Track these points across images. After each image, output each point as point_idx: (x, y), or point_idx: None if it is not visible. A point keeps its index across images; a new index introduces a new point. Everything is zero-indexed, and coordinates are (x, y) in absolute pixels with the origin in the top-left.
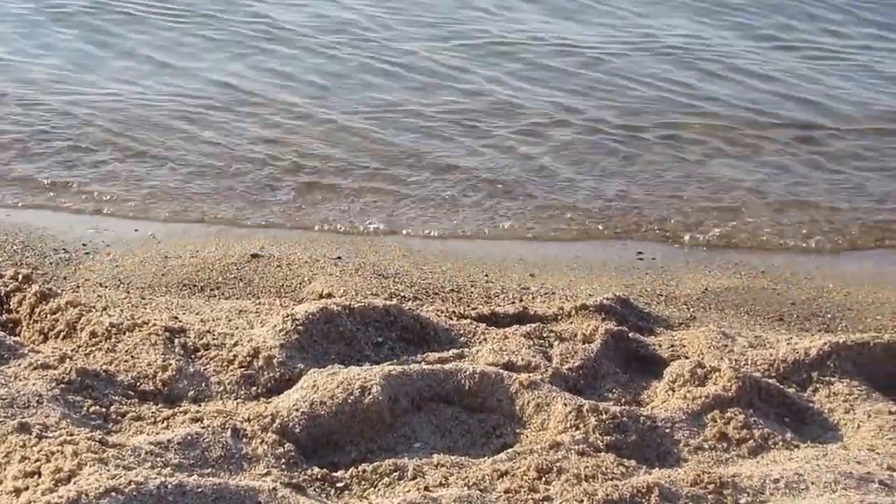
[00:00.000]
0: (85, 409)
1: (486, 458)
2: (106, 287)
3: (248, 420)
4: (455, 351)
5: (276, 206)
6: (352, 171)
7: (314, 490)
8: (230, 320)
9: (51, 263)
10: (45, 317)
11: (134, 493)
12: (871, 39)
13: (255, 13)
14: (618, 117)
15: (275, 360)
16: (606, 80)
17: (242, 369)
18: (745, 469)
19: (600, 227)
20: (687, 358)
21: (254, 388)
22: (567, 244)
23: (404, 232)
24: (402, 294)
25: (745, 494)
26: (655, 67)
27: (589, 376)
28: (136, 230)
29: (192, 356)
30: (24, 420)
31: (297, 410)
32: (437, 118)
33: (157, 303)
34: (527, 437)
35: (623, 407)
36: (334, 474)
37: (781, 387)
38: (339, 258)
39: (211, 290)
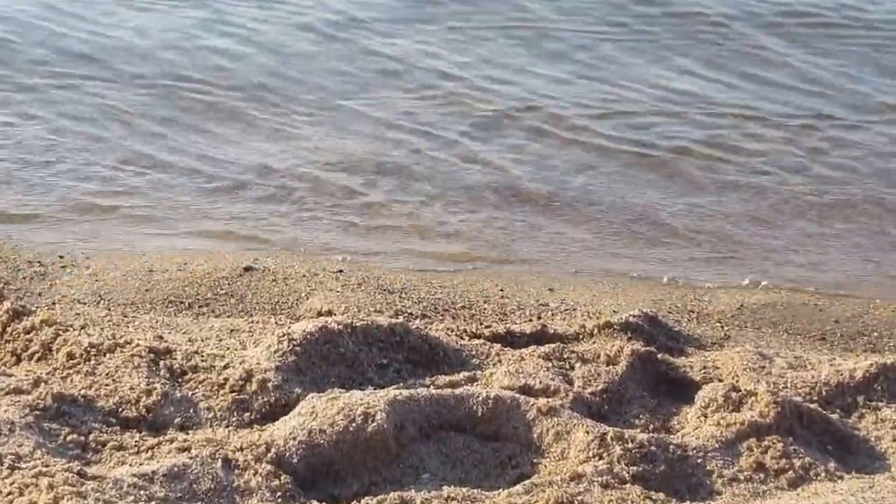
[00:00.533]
0: (62, 437)
1: (500, 490)
2: (85, 304)
3: (241, 449)
4: (467, 373)
5: (271, 214)
6: (355, 177)
7: None
8: (220, 340)
9: (24, 278)
10: (18, 336)
11: None
12: None
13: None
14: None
15: (269, 384)
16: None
17: (234, 394)
18: (784, 502)
19: (626, 238)
20: (720, 381)
21: (246, 415)
22: (590, 255)
23: (410, 245)
24: (409, 311)
25: None
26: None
27: (613, 401)
28: (118, 241)
29: (179, 380)
30: None
31: (293, 439)
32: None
33: (141, 321)
34: (545, 467)
35: (651, 434)
36: None
37: (824, 412)
38: (341, 271)
39: (199, 306)
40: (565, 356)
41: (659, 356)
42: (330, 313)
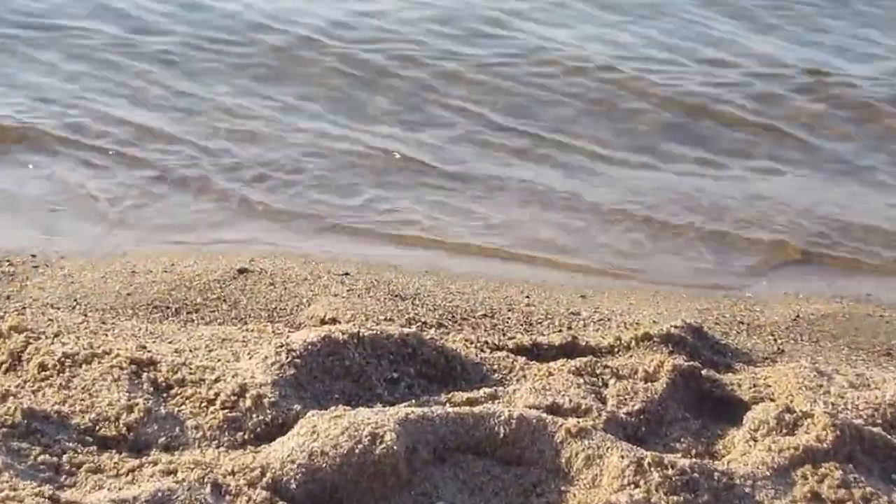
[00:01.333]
0: (32, 458)
1: None
2: (59, 309)
3: (233, 473)
4: (487, 390)
5: (269, 209)
6: (361, 167)
7: None
8: (211, 350)
9: None
10: None
11: None
12: None
13: None
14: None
15: (265, 400)
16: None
17: (225, 411)
18: None
19: (668, 237)
20: (772, 400)
21: (239, 435)
22: (626, 257)
23: (426, 238)
24: (424, 320)
25: None
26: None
27: (652, 422)
28: (96, 238)
29: (164, 394)
30: None
31: (292, 462)
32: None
33: (122, 328)
34: (574, 496)
35: (693, 460)
36: None
37: (888, 437)
38: (347, 274)
39: (188, 312)
40: (598, 371)
41: (703, 372)
42: (334, 321)
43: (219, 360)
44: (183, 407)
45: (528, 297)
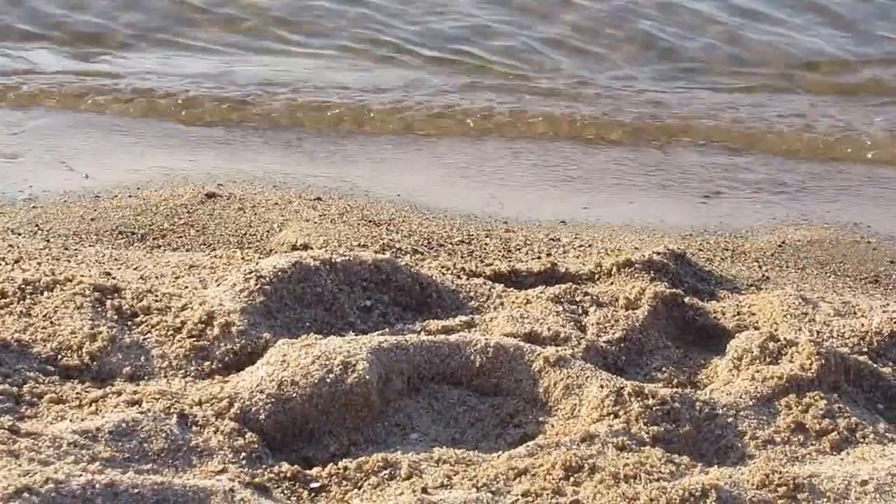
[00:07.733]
0: None
1: (500, 452)
2: (19, 234)
3: (199, 403)
4: (463, 318)
5: (239, 131)
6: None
7: (282, 492)
8: (177, 277)
9: None
10: None
11: (52, 493)
12: None
13: None
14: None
15: (234, 329)
16: None
17: (192, 339)
18: (826, 468)
19: (651, 162)
20: (756, 329)
21: (207, 364)
22: (607, 183)
23: (401, 168)
24: (398, 246)
25: (825, 499)
26: None
27: (633, 351)
28: (61, 162)
29: (129, 322)
30: None
31: (261, 392)
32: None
33: (85, 255)
34: (552, 426)
35: (675, 390)
36: (308, 472)
37: (874, 366)
38: (319, 199)
39: (154, 238)
40: (578, 299)
41: (686, 300)
42: (306, 247)
43: (186, 288)
44: (148, 335)
45: (505, 222)
